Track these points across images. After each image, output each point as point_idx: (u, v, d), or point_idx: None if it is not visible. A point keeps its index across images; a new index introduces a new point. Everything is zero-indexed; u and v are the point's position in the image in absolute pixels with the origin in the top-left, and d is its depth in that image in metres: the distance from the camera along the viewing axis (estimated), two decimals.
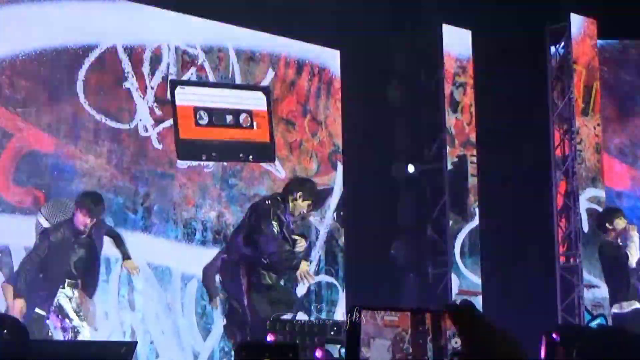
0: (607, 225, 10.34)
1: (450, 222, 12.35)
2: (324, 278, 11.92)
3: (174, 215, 10.92)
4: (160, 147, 10.83)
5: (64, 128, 10.26)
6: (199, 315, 10.86)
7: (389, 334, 1.64)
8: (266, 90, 11.75)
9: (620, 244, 10.22)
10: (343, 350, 9.82)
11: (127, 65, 10.77)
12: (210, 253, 10.40)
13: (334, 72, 12.32)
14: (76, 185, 10.21)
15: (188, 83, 11.22)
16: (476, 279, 12.34)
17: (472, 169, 12.65)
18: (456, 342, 1.65)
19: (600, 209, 12.26)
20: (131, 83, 10.80)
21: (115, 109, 10.65)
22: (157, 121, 10.91)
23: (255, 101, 11.63)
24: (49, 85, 10.24)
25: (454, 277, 12.19)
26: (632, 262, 10.17)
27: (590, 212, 12.60)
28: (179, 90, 11.09)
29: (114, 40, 10.71)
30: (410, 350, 1.64)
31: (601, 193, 12.89)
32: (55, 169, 10.15)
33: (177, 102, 11.06)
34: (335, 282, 11.98)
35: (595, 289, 12.15)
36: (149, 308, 10.57)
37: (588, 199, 12.78)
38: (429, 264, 12.38)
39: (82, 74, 10.45)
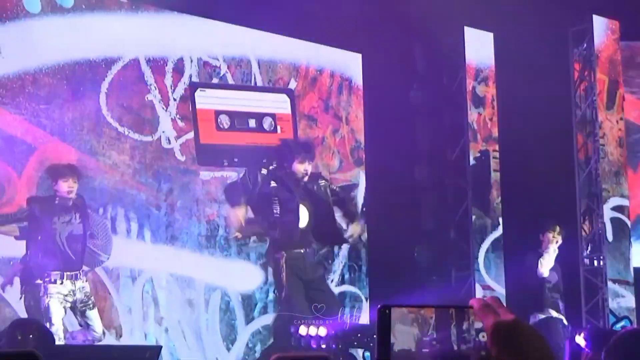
0: (540, 236, 10.56)
1: (473, 218, 12.35)
2: (348, 288, 11.90)
3: (197, 212, 10.86)
4: (182, 159, 10.78)
5: (87, 140, 10.26)
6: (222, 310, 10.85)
7: (414, 321, 1.67)
8: (290, 93, 11.61)
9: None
10: (368, 354, 9.82)
11: (149, 78, 10.72)
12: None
13: (355, 77, 12.30)
14: (99, 182, 10.25)
15: (209, 86, 11.05)
16: (499, 287, 12.34)
17: (494, 164, 12.65)
18: (483, 337, 1.66)
19: (624, 218, 12.40)
20: (154, 95, 10.75)
21: (138, 121, 10.64)
22: (180, 133, 10.85)
23: (279, 104, 11.48)
24: (72, 98, 10.22)
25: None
26: (543, 272, 10.66)
27: (615, 221, 12.68)
28: (199, 93, 10.92)
29: (136, 53, 10.67)
30: (435, 336, 1.67)
31: (625, 202, 12.91)
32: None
33: (198, 106, 10.90)
34: (359, 292, 11.96)
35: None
36: (173, 304, 10.56)
37: (612, 208, 12.80)
38: (452, 267, 12.35)
39: (104, 86, 10.39)
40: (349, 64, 12.29)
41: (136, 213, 10.39)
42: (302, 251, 10.12)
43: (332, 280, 11.62)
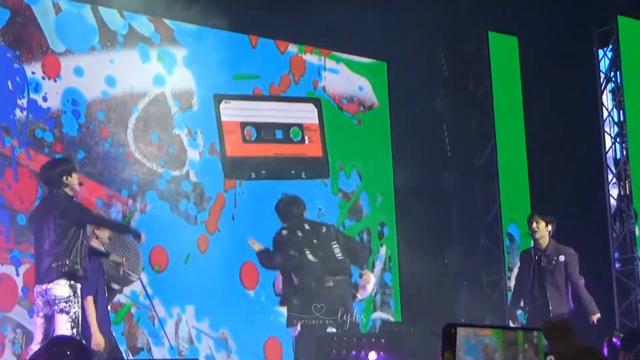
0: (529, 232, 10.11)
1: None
2: (380, 315, 11.89)
3: None
4: (212, 203, 10.86)
5: (115, 178, 10.36)
6: None
7: (482, 344, 1.63)
8: (317, 102, 11.60)
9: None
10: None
11: (176, 124, 10.78)
12: None
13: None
14: (128, 172, 10.34)
15: (233, 97, 11.05)
16: None
17: None
18: (551, 359, 1.63)
19: None
20: (181, 132, 10.82)
21: (165, 156, 10.72)
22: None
23: (306, 114, 11.48)
24: (100, 136, 10.33)
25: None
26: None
27: None
28: (223, 105, 10.90)
29: (162, 99, 10.76)
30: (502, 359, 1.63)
31: None
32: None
33: (223, 118, 10.87)
34: (391, 318, 11.94)
35: None
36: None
37: None
38: (482, 273, 12.33)
39: (132, 122, 10.50)
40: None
41: (168, 202, 10.57)
42: None
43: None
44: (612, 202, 12.39)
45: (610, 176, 12.38)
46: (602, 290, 11.80)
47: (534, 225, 9.79)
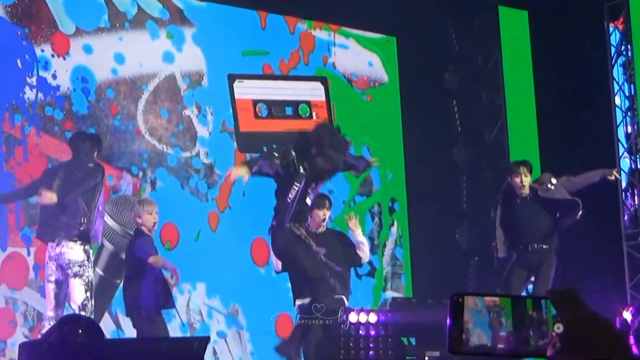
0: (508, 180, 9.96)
1: None
2: (391, 294, 11.90)
3: None
4: (222, 180, 10.87)
5: (125, 155, 10.38)
6: None
7: (488, 313, 1.61)
8: (324, 80, 11.74)
9: None
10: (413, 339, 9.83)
11: (186, 101, 10.85)
12: None
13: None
14: (138, 141, 10.38)
15: (246, 77, 11.25)
16: None
17: None
18: (558, 328, 1.61)
19: None
20: (191, 110, 10.87)
21: (175, 133, 10.75)
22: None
23: (314, 91, 11.63)
24: (110, 113, 10.34)
25: None
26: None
27: None
28: (237, 84, 11.15)
29: (172, 72, 10.79)
30: (512, 330, 1.61)
31: None
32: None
33: (236, 96, 11.14)
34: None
35: None
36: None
37: None
38: (492, 248, 12.32)
39: (141, 99, 10.55)
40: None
41: (176, 175, 10.67)
42: None
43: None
44: (623, 176, 12.35)
45: (621, 150, 12.34)
46: (612, 265, 11.81)
47: (524, 177, 9.75)
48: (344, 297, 8.97)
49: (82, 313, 8.49)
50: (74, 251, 8.41)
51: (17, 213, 9.62)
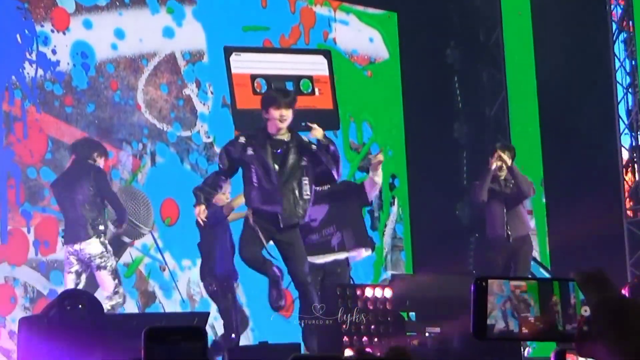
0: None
1: None
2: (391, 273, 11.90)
3: None
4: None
5: (124, 131, 10.36)
6: None
7: (515, 297, 1.58)
8: (327, 54, 11.43)
9: None
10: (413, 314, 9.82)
11: (186, 76, 10.78)
12: None
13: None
14: (138, 117, 10.38)
15: (244, 49, 10.92)
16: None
17: None
18: (585, 311, 1.58)
19: None
20: (191, 89, 10.80)
21: (175, 109, 10.70)
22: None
23: (316, 65, 11.32)
24: (111, 104, 10.32)
25: None
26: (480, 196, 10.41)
27: None
28: (234, 57, 10.71)
29: (172, 47, 10.73)
30: (539, 315, 1.58)
31: None
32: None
33: (233, 70, 10.70)
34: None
35: None
36: None
37: None
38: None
39: (141, 83, 10.49)
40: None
41: (176, 148, 10.67)
42: None
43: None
44: (624, 152, 12.32)
45: (622, 126, 12.31)
46: (613, 241, 11.80)
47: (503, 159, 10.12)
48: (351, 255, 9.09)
49: (116, 298, 8.93)
50: (91, 246, 8.99)
51: (17, 189, 9.61)
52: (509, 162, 10.15)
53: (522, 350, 8.71)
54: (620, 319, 1.56)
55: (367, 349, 7.27)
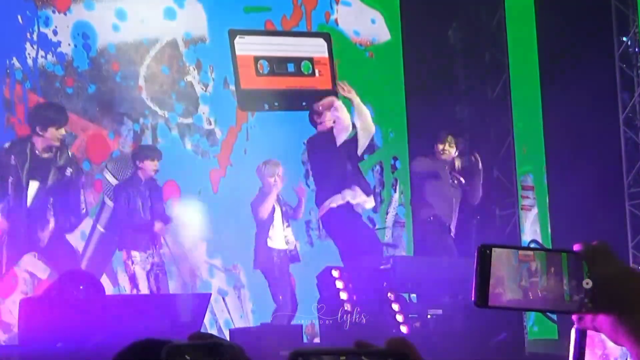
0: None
1: None
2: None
3: None
4: (224, 137, 10.83)
5: (126, 112, 10.36)
6: None
7: (521, 267, 1.56)
8: (327, 37, 11.61)
9: None
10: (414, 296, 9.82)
11: (187, 58, 10.78)
12: None
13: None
14: (139, 101, 10.44)
15: (247, 32, 11.12)
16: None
17: None
18: (587, 284, 1.56)
19: None
20: (193, 76, 10.80)
21: (176, 90, 10.69)
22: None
23: (316, 48, 11.50)
24: (112, 85, 10.29)
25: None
26: None
27: None
28: (238, 40, 10.99)
29: (173, 34, 10.72)
30: (545, 285, 1.56)
31: None
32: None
33: (237, 52, 10.98)
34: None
35: None
36: None
37: None
38: (495, 206, 12.30)
39: (143, 70, 10.48)
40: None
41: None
42: None
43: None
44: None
45: (624, 109, 12.27)
46: (615, 225, 11.78)
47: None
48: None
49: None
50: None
51: None
52: (453, 151, 10.77)
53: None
54: (626, 292, 1.54)
55: None
